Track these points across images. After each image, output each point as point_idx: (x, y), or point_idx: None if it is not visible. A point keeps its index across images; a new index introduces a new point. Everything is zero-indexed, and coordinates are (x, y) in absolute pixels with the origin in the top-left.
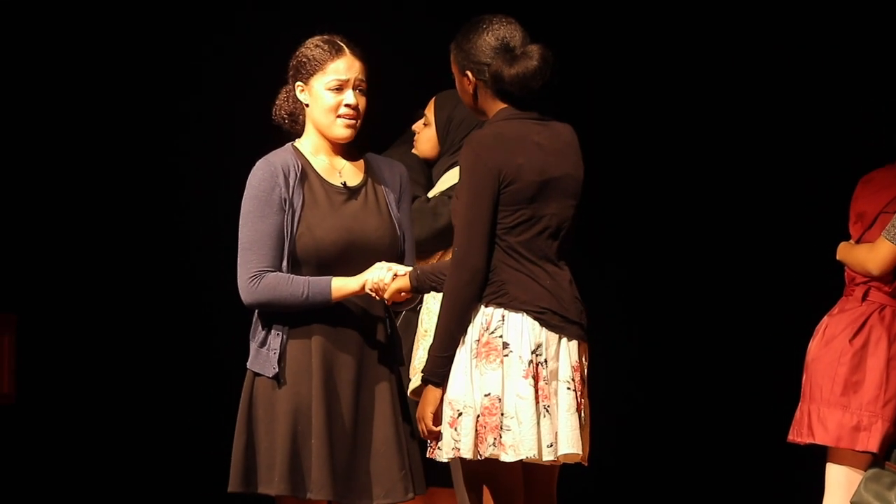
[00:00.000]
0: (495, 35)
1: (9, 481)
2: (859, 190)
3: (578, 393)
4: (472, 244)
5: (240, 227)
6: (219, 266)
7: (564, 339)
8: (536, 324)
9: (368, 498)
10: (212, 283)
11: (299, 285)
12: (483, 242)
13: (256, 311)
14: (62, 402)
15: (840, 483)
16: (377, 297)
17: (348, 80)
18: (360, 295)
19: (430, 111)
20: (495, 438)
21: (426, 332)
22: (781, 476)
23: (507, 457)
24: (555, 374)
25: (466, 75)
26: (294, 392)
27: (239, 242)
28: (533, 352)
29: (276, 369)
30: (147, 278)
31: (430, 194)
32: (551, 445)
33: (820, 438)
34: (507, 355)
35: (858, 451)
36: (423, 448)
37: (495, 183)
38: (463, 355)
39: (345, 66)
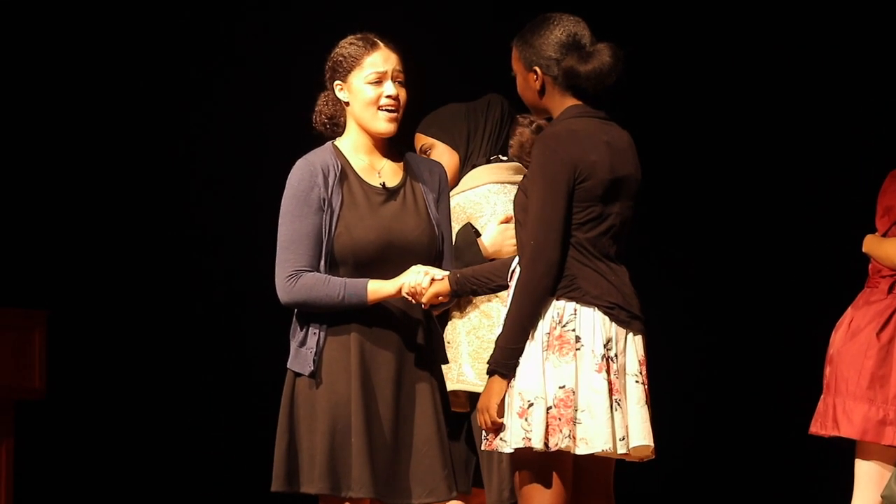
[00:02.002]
0: (566, 31)
1: (39, 476)
2: (888, 184)
3: (645, 386)
4: (549, 238)
5: (279, 226)
6: (254, 265)
7: (630, 334)
8: (607, 318)
9: (410, 497)
10: (247, 282)
11: (335, 287)
12: (559, 236)
13: (295, 311)
14: (93, 397)
15: (870, 478)
16: (414, 301)
17: (386, 72)
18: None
19: (423, 138)
20: (570, 431)
21: (449, 343)
22: (810, 471)
23: (580, 450)
24: (623, 369)
25: (534, 71)
26: (332, 391)
27: (277, 241)
28: (604, 346)
29: (313, 367)
30: (179, 276)
31: (454, 193)
32: (623, 439)
33: (845, 431)
34: (579, 349)
35: (885, 446)
36: (463, 447)
37: (571, 178)
38: (532, 347)
39: (381, 59)
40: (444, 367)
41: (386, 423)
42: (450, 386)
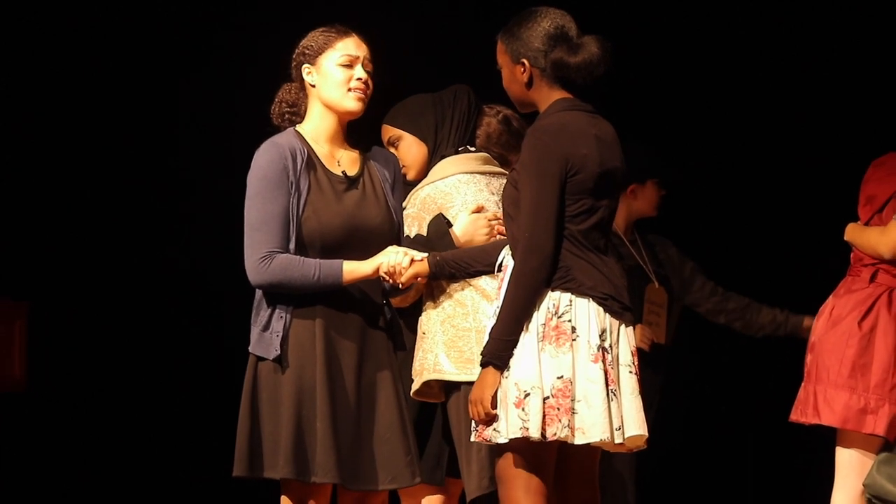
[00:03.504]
0: (553, 23)
1: (19, 467)
2: (870, 173)
3: (637, 376)
4: (543, 230)
5: (246, 208)
6: (224, 252)
7: (623, 325)
8: (601, 309)
9: (374, 483)
10: (218, 270)
11: (311, 267)
12: (552, 228)
13: (259, 295)
14: (74, 388)
15: (852, 466)
16: (391, 281)
17: (358, 57)
18: (363, 280)
19: (391, 130)
20: (569, 420)
21: (424, 334)
22: (791, 459)
23: (578, 439)
24: (617, 359)
25: (522, 63)
26: (298, 375)
27: (246, 223)
28: (599, 336)
29: (279, 352)
30: (156, 267)
31: (423, 184)
32: (619, 428)
33: (826, 419)
34: (575, 339)
35: (867, 435)
36: (436, 438)
37: (563, 171)
38: (527, 338)
39: (353, 45)
40: (418, 357)
41: (350, 410)
42: (425, 376)
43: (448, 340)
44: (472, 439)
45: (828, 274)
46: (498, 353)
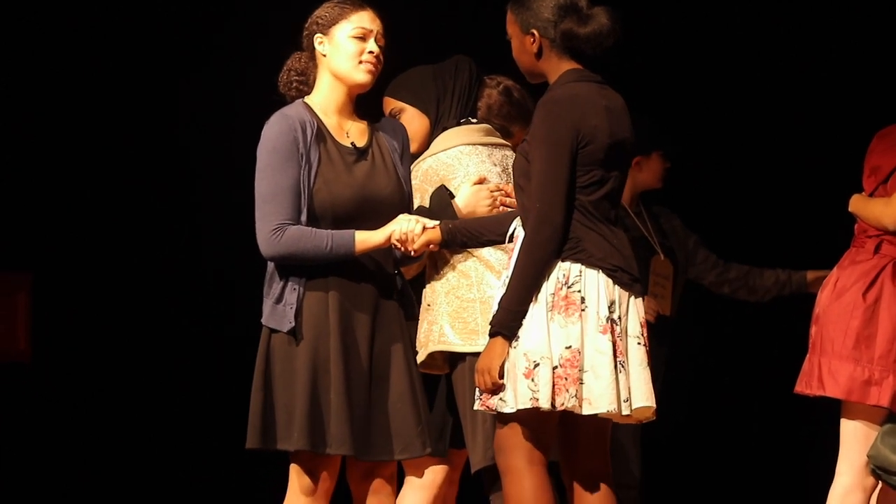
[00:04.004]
0: None
1: (24, 439)
2: (874, 144)
3: (646, 348)
4: (554, 201)
5: (257, 180)
6: (238, 229)
7: (632, 297)
8: (610, 281)
9: (385, 453)
10: (223, 242)
11: (323, 238)
12: (563, 199)
13: (271, 268)
14: (78, 360)
15: (857, 438)
16: (402, 249)
17: (371, 31)
18: (376, 250)
19: (393, 102)
20: (577, 391)
21: (429, 306)
22: (796, 430)
23: (585, 410)
24: (626, 331)
25: (532, 34)
26: (312, 347)
27: (256, 195)
28: (608, 308)
29: (293, 324)
30: (160, 238)
31: (425, 155)
32: (627, 400)
33: (830, 391)
34: (584, 310)
35: (871, 406)
36: (440, 409)
37: (574, 142)
38: (537, 308)
39: (368, 19)
40: (423, 328)
41: (362, 381)
42: (430, 347)
43: (453, 311)
44: (476, 408)
45: (832, 245)
46: (507, 324)
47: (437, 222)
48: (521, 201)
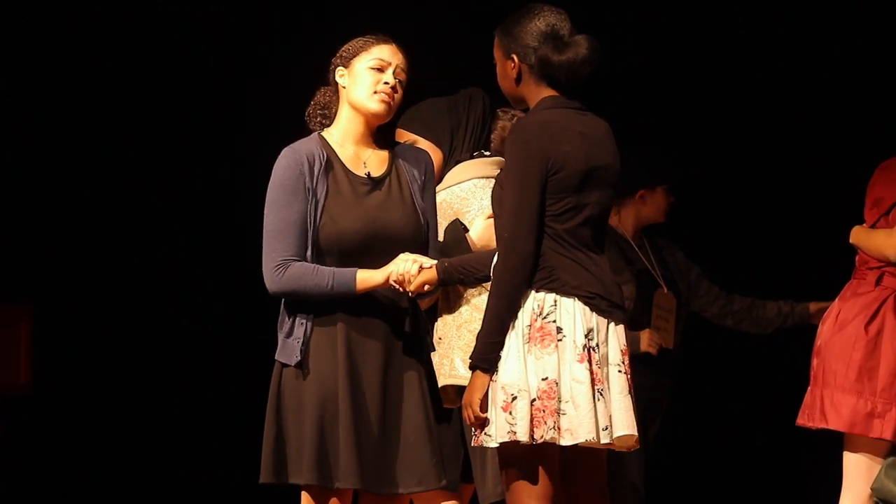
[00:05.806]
0: (545, 21)
1: (25, 470)
2: (877, 176)
3: (628, 376)
4: (521, 230)
5: (265, 214)
6: (240, 256)
7: (612, 324)
8: (587, 309)
9: (398, 486)
10: (234, 274)
11: (324, 276)
12: (531, 228)
13: (283, 302)
14: (79, 392)
15: (860, 471)
16: (401, 289)
17: (390, 63)
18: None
19: (406, 134)
20: (555, 422)
21: (440, 339)
22: (799, 464)
23: (565, 440)
24: (605, 358)
25: (511, 59)
26: (319, 381)
27: (264, 230)
28: (585, 336)
29: (299, 357)
30: (159, 269)
31: (439, 189)
32: (606, 428)
33: (833, 424)
34: (560, 340)
35: (874, 439)
36: (453, 443)
37: (543, 170)
38: (514, 340)
39: (389, 52)
40: (435, 362)
41: (374, 413)
42: (441, 381)
43: (464, 345)
44: (472, 444)
45: (834, 277)
46: (484, 356)
47: (435, 262)
48: (497, 230)
